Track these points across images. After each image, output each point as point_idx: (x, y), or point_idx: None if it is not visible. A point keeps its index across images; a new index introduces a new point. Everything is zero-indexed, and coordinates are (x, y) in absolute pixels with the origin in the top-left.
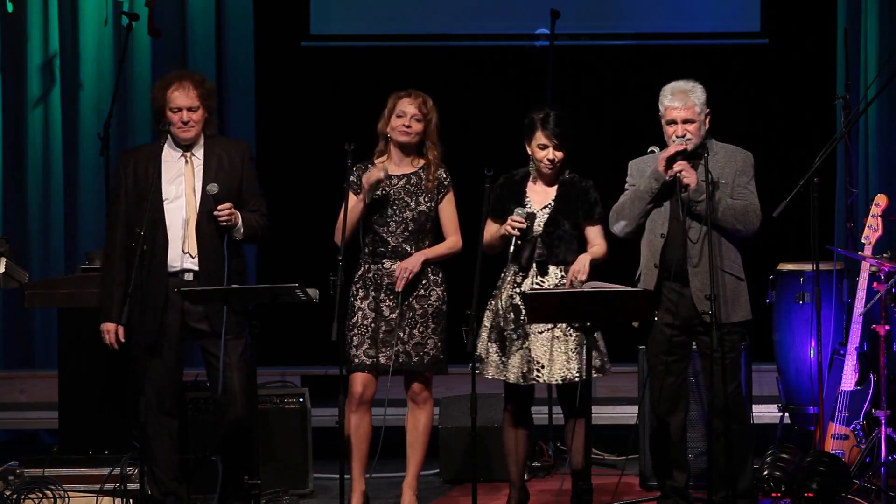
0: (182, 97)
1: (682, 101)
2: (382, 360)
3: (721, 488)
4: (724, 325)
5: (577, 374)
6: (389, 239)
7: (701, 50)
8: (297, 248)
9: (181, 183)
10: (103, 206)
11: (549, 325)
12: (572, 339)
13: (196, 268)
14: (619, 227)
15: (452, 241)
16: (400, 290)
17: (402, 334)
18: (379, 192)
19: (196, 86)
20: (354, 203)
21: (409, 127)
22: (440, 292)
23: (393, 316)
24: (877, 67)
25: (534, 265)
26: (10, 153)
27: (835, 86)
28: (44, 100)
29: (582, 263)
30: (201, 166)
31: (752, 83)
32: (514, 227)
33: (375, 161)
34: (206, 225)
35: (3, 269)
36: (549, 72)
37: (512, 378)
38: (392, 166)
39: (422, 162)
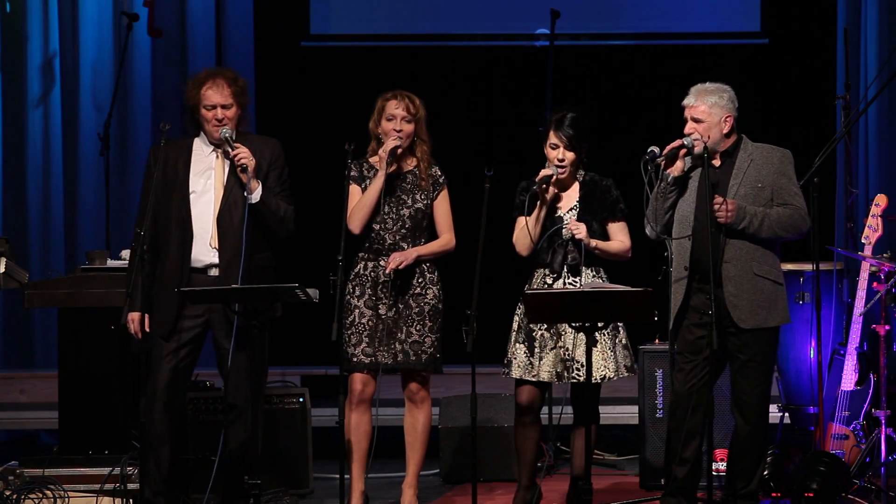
0: (216, 95)
1: (695, 99)
2: (380, 358)
3: (728, 487)
4: (759, 329)
5: (615, 373)
6: (387, 236)
7: (701, 50)
8: (297, 247)
9: (210, 177)
10: (103, 206)
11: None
12: (607, 336)
13: (218, 261)
14: (648, 230)
15: (446, 238)
16: (388, 271)
17: (399, 333)
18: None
19: (229, 83)
20: (373, 182)
21: (400, 130)
22: (436, 290)
23: (390, 314)
24: (877, 67)
25: (565, 268)
26: (10, 153)
27: (835, 86)
28: (44, 100)
29: (579, 224)
30: (229, 162)
31: (752, 83)
32: (543, 180)
33: (372, 160)
34: (229, 219)
35: (3, 269)
36: (549, 72)
37: (545, 377)
38: (387, 166)
39: (415, 160)
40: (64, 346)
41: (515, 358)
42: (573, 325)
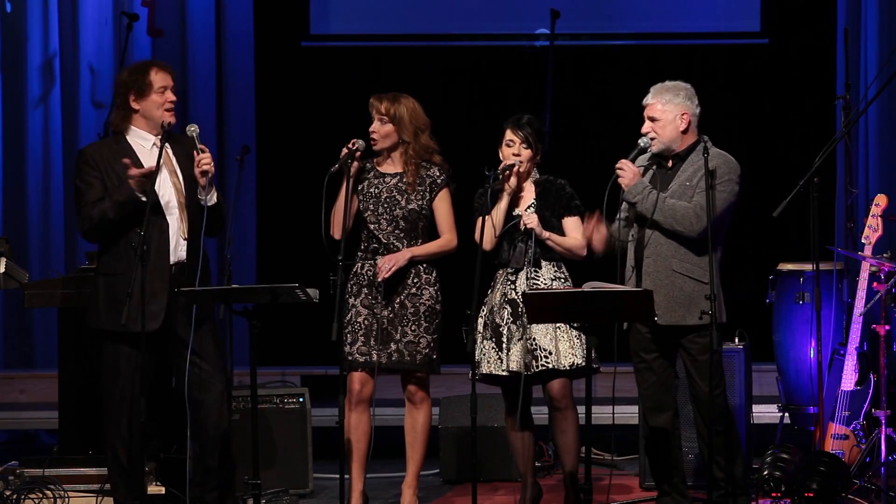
0: (167, 77)
1: (652, 98)
2: (375, 357)
3: (715, 487)
4: (684, 327)
5: (584, 361)
6: (381, 237)
7: (701, 50)
8: (297, 248)
9: (161, 170)
10: None
11: None
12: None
13: (185, 256)
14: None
15: (446, 238)
16: (380, 280)
17: (394, 333)
18: (359, 163)
19: (171, 70)
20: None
21: (374, 133)
22: (433, 291)
23: (385, 313)
24: (877, 67)
25: (526, 263)
26: (10, 153)
27: (835, 86)
28: (44, 100)
29: (531, 215)
30: (171, 151)
31: (752, 83)
32: (507, 168)
33: (375, 160)
34: (193, 211)
35: (3, 269)
36: (549, 72)
37: (514, 367)
38: (386, 165)
39: (402, 161)
40: (64, 346)
41: (485, 355)
42: (574, 325)
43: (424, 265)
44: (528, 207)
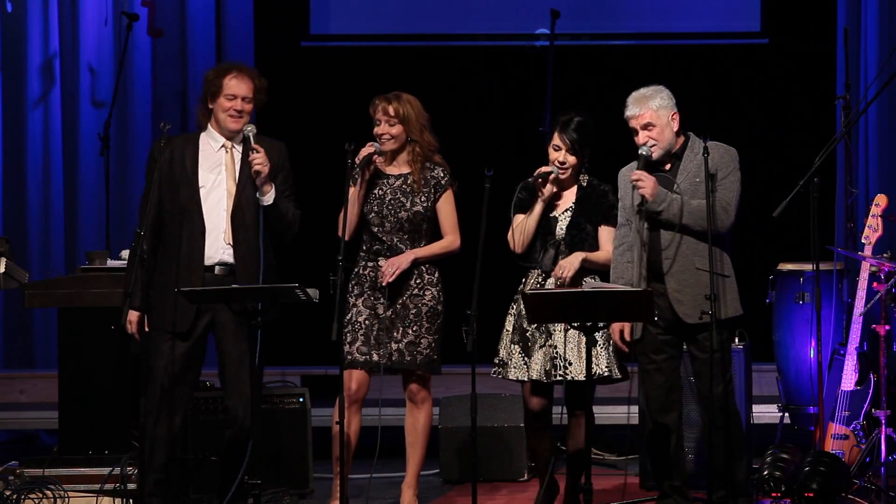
0: (240, 86)
1: (639, 108)
2: (376, 357)
3: (717, 487)
4: (705, 324)
5: (607, 370)
6: (385, 238)
7: (701, 50)
8: (297, 248)
9: (220, 172)
10: (103, 205)
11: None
12: (599, 334)
13: (231, 260)
14: None
15: (449, 240)
16: (384, 284)
17: (395, 333)
18: (372, 168)
19: (253, 78)
20: (353, 190)
21: (384, 134)
22: (435, 292)
23: (387, 314)
24: (877, 67)
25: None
26: (10, 153)
27: (835, 86)
28: (44, 100)
29: (570, 261)
30: (241, 159)
31: (752, 83)
32: (541, 175)
33: (379, 161)
34: (241, 216)
35: (3, 269)
36: (549, 72)
37: (535, 375)
38: (389, 167)
39: (409, 162)
40: (64, 346)
41: (511, 359)
42: (573, 324)
43: (427, 266)
44: (566, 211)
